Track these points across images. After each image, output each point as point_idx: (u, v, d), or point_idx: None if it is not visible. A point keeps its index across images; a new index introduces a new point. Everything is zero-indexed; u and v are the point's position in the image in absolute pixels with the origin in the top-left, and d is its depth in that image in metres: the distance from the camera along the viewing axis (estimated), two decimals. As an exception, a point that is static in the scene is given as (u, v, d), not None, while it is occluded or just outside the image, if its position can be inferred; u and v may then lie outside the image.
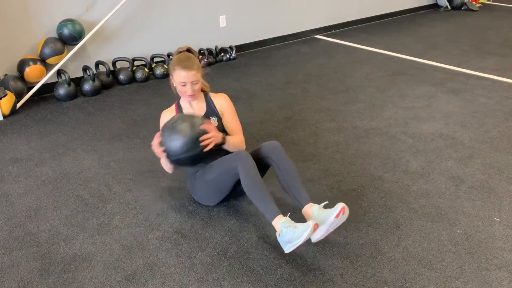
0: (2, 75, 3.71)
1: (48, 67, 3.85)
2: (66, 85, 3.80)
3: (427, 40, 5.59)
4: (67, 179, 2.64)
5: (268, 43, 5.45)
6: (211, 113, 2.34)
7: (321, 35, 5.89)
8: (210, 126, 2.12)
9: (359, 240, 2.09)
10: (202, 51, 4.69)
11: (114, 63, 4.20)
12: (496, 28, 6.16)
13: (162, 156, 2.13)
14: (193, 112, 2.32)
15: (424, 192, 2.47)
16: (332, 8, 5.98)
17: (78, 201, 2.42)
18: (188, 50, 2.32)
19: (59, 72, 3.86)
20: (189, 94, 2.24)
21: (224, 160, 2.14)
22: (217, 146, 2.16)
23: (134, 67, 4.26)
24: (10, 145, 3.06)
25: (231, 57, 4.87)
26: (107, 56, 4.20)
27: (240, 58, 4.96)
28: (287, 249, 1.88)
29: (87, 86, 3.90)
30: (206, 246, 2.07)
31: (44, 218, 2.28)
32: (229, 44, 5.01)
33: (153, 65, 4.36)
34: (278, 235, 1.93)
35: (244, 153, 2.09)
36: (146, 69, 4.29)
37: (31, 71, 3.71)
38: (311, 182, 2.57)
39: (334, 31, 6.07)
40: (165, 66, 4.34)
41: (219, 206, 2.35)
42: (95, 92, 3.94)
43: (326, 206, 2.02)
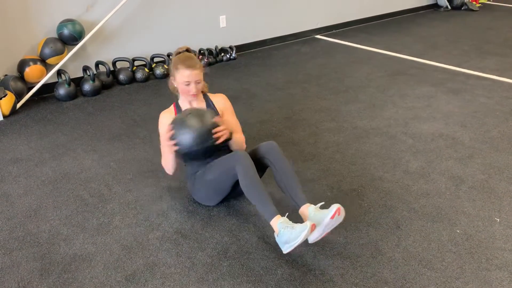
0: (2, 75, 3.71)
1: (48, 67, 3.85)
2: (66, 85, 3.80)
3: (427, 40, 5.59)
4: (67, 179, 2.64)
5: (268, 43, 5.45)
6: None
7: (321, 35, 5.89)
8: (221, 119, 2.16)
9: (359, 240, 2.09)
10: (202, 51, 4.69)
11: (114, 63, 4.20)
12: (496, 28, 6.16)
13: (172, 149, 2.11)
14: None
15: (424, 192, 2.47)
16: (332, 8, 5.98)
17: (78, 201, 2.42)
18: (187, 51, 2.32)
19: (59, 72, 3.86)
20: (192, 93, 2.24)
21: (223, 160, 2.14)
22: (226, 141, 2.18)
23: (134, 67, 4.26)
24: (10, 145, 3.06)
25: (231, 57, 4.87)
26: (107, 56, 4.20)
27: (240, 58, 4.96)
28: (285, 250, 1.88)
29: (87, 86, 3.90)
30: (206, 246, 2.07)
31: (44, 218, 2.28)
32: (229, 44, 5.01)
33: (153, 65, 4.36)
34: (276, 236, 1.93)
35: (242, 153, 2.09)
36: (146, 69, 4.29)
37: (31, 71, 3.71)
38: (311, 182, 2.57)
39: (334, 31, 6.07)
40: (165, 66, 4.34)
41: (219, 206, 2.35)
42: (95, 92, 3.94)
43: (322, 207, 2.01)
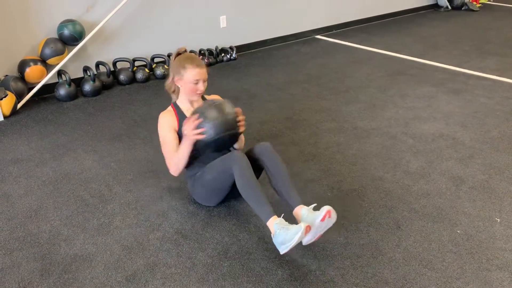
0: (3, 75, 3.72)
1: (49, 68, 3.85)
2: (67, 86, 3.81)
3: (428, 40, 5.59)
4: (67, 179, 2.64)
5: (268, 43, 5.45)
6: None
7: (321, 35, 5.89)
8: (239, 110, 2.19)
9: (360, 241, 2.09)
10: (202, 52, 4.69)
11: (114, 64, 4.20)
12: (496, 28, 6.16)
13: (196, 138, 2.10)
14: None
15: (425, 192, 2.46)
16: (332, 8, 5.98)
17: (78, 201, 2.42)
18: (185, 51, 2.33)
19: (60, 73, 3.86)
20: (200, 92, 2.26)
21: (220, 161, 2.14)
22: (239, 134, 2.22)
23: (135, 68, 4.26)
24: (11, 146, 3.06)
25: (232, 57, 4.87)
26: (108, 56, 4.20)
27: (241, 59, 4.96)
28: (281, 250, 1.87)
29: (88, 87, 3.90)
30: (207, 247, 2.07)
31: (45, 219, 2.28)
32: (229, 44, 5.01)
33: (154, 66, 4.36)
34: (272, 236, 1.92)
35: (239, 153, 2.09)
36: (147, 70, 4.29)
37: (32, 71, 3.71)
38: (311, 182, 2.57)
39: (334, 31, 6.07)
40: (165, 66, 4.34)
41: (220, 207, 2.35)
42: (96, 92, 3.94)
43: (315, 208, 2.00)
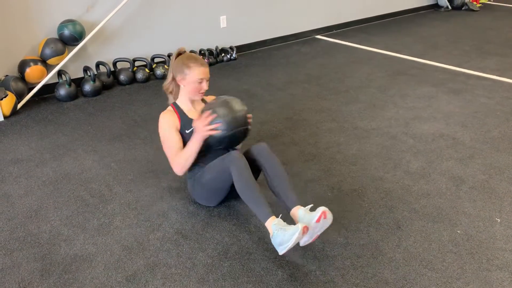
0: (3, 75, 3.72)
1: (49, 68, 3.85)
2: (67, 86, 3.81)
3: (428, 40, 5.59)
4: (67, 179, 2.64)
5: (269, 43, 5.45)
6: None
7: (321, 35, 5.89)
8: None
9: (360, 241, 2.09)
10: (202, 52, 4.69)
11: (114, 64, 4.20)
12: (496, 28, 6.16)
13: (209, 134, 2.12)
14: (198, 113, 2.33)
15: (425, 192, 2.46)
16: (332, 8, 5.98)
17: (78, 201, 2.42)
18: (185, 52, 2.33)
19: (60, 73, 3.86)
20: (203, 91, 2.27)
21: (218, 162, 2.14)
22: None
23: (135, 68, 4.26)
24: (11, 146, 3.06)
25: (232, 57, 4.87)
26: (108, 56, 4.20)
27: (241, 59, 4.96)
28: (280, 251, 1.86)
29: (88, 87, 3.90)
30: (207, 247, 2.07)
31: (45, 219, 2.28)
32: (229, 44, 5.01)
33: (154, 66, 4.36)
34: (271, 237, 1.91)
35: (236, 154, 2.08)
36: (147, 70, 4.29)
37: (32, 71, 3.71)
38: (311, 183, 2.57)
39: (334, 31, 6.07)
40: (165, 66, 4.34)
41: (220, 207, 2.35)
42: (96, 92, 3.94)
43: (312, 209, 1.99)
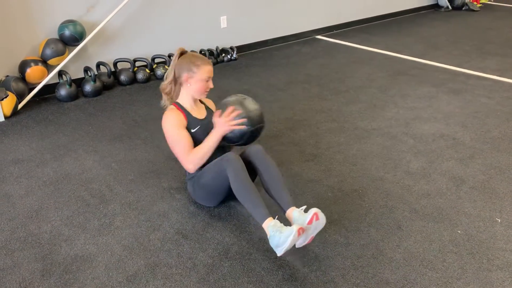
0: (4, 76, 3.72)
1: (49, 68, 3.85)
2: (67, 86, 3.81)
3: (428, 40, 5.59)
4: (68, 179, 2.64)
5: (269, 43, 5.45)
6: (211, 114, 2.38)
7: (321, 36, 5.89)
8: None
9: (360, 241, 2.09)
10: (203, 52, 4.69)
11: (115, 64, 4.20)
12: (497, 28, 6.15)
13: (232, 128, 2.14)
14: (199, 113, 2.35)
15: (425, 192, 2.46)
16: (332, 8, 5.98)
17: (79, 201, 2.43)
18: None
19: (60, 73, 3.86)
20: (208, 90, 2.29)
21: (215, 164, 2.14)
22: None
23: (135, 68, 4.27)
24: (12, 146, 3.06)
25: (232, 57, 4.87)
26: (108, 57, 4.20)
27: (241, 59, 4.97)
28: (278, 253, 1.86)
29: (88, 87, 3.90)
30: (207, 247, 2.07)
31: (46, 219, 2.28)
32: (230, 44, 5.01)
33: (154, 66, 4.36)
34: (268, 238, 1.91)
35: (232, 155, 2.08)
36: (147, 70, 4.29)
37: (32, 72, 3.71)
38: (312, 183, 2.57)
39: (334, 32, 6.07)
40: (166, 67, 4.34)
41: (220, 207, 2.35)
42: (96, 93, 3.94)
43: (306, 210, 1.99)
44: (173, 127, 2.22)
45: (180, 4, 4.53)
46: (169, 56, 4.43)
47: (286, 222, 1.97)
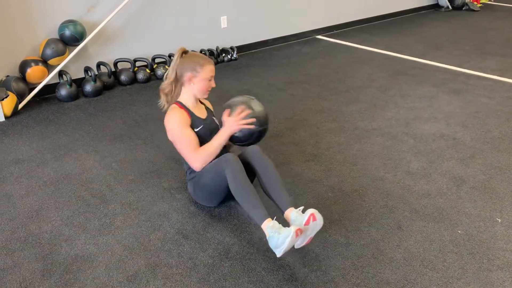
0: (4, 76, 3.72)
1: (50, 68, 3.85)
2: (68, 86, 3.81)
3: (428, 40, 5.59)
4: (68, 179, 2.64)
5: (269, 43, 5.45)
6: (210, 114, 2.41)
7: (322, 36, 5.89)
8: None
9: (361, 241, 2.09)
10: (203, 52, 4.69)
11: (115, 64, 4.20)
12: (497, 28, 6.15)
13: (242, 128, 2.18)
14: (201, 112, 2.36)
15: (426, 192, 2.46)
16: (332, 8, 5.98)
17: (79, 201, 2.43)
18: None
19: (61, 73, 3.86)
20: (210, 89, 2.30)
21: (213, 165, 2.14)
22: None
23: (136, 68, 4.27)
24: (12, 146, 3.07)
25: (232, 57, 4.87)
26: (109, 57, 4.20)
27: (241, 59, 4.97)
28: (277, 254, 1.86)
29: (89, 87, 3.90)
30: (208, 247, 2.07)
31: (46, 219, 2.28)
32: (230, 44, 5.01)
33: (155, 66, 4.36)
34: (267, 239, 1.90)
35: (230, 156, 2.08)
36: (148, 70, 4.29)
37: (33, 72, 3.71)
38: (312, 183, 2.57)
39: (335, 32, 6.07)
40: (166, 67, 4.34)
41: (221, 207, 2.35)
42: (97, 93, 3.94)
43: (304, 211, 1.98)
44: (178, 126, 2.21)
45: (181, 4, 4.53)
46: (170, 56, 4.43)
47: (285, 223, 1.97)
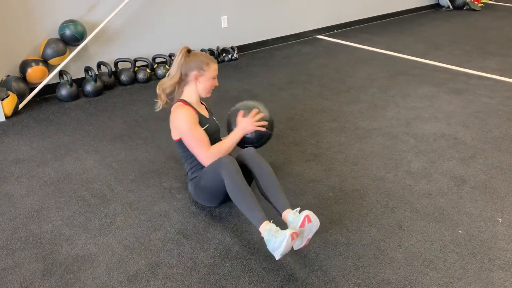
0: (5, 76, 3.72)
1: (50, 68, 3.85)
2: (68, 86, 3.81)
3: (429, 40, 5.58)
4: (69, 179, 2.64)
5: (270, 43, 5.45)
6: (211, 114, 2.43)
7: (322, 35, 5.89)
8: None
9: (362, 241, 2.09)
10: (203, 52, 4.69)
11: (116, 64, 4.20)
12: (498, 28, 6.15)
13: (256, 129, 2.27)
14: (204, 112, 2.37)
15: (427, 192, 2.46)
16: (333, 8, 5.98)
17: (80, 201, 2.43)
18: None
19: (61, 73, 3.86)
20: (213, 88, 2.31)
21: (211, 167, 2.14)
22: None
23: (136, 68, 4.27)
24: (13, 146, 3.07)
25: (233, 57, 4.87)
26: (109, 57, 4.20)
27: (242, 59, 4.96)
28: (276, 256, 1.85)
29: (89, 87, 3.90)
30: (208, 247, 2.07)
31: (47, 219, 2.28)
32: (230, 44, 5.01)
33: (155, 66, 4.36)
34: (265, 242, 1.89)
35: (227, 159, 2.07)
36: (148, 70, 4.29)
37: (33, 72, 3.71)
38: (313, 183, 2.57)
39: (335, 31, 6.07)
40: (166, 66, 4.34)
41: (221, 207, 2.35)
42: (97, 92, 3.94)
43: (301, 211, 1.96)
44: (189, 123, 2.19)
45: (181, 4, 4.53)
46: (170, 56, 4.43)
47: (283, 224, 1.97)
